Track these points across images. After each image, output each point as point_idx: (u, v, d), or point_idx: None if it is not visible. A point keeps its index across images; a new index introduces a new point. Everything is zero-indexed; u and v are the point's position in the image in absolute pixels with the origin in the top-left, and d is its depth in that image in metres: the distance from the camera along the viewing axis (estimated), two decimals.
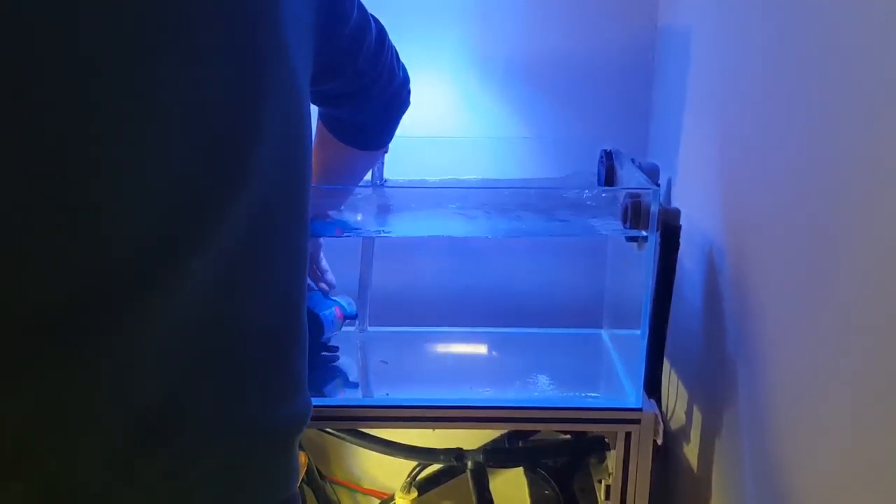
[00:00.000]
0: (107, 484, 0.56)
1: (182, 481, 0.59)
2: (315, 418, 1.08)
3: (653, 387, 1.08)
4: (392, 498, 1.30)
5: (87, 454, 0.55)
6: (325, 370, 1.17)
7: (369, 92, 0.86)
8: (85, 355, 0.54)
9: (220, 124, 0.57)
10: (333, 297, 1.21)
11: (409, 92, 0.93)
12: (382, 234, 1.19)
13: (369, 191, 1.12)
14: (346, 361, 1.26)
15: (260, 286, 0.63)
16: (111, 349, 0.55)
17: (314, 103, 0.83)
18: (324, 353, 1.18)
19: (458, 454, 1.15)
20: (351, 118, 0.88)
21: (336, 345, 1.20)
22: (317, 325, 1.12)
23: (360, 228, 1.10)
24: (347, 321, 1.22)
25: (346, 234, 1.09)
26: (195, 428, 0.60)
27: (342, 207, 1.05)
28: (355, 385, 1.19)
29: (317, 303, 1.16)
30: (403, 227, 1.11)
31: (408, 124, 1.27)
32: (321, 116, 0.93)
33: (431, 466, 1.25)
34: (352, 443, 1.18)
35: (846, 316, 0.67)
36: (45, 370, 0.53)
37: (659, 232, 1.01)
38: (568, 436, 1.20)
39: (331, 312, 1.17)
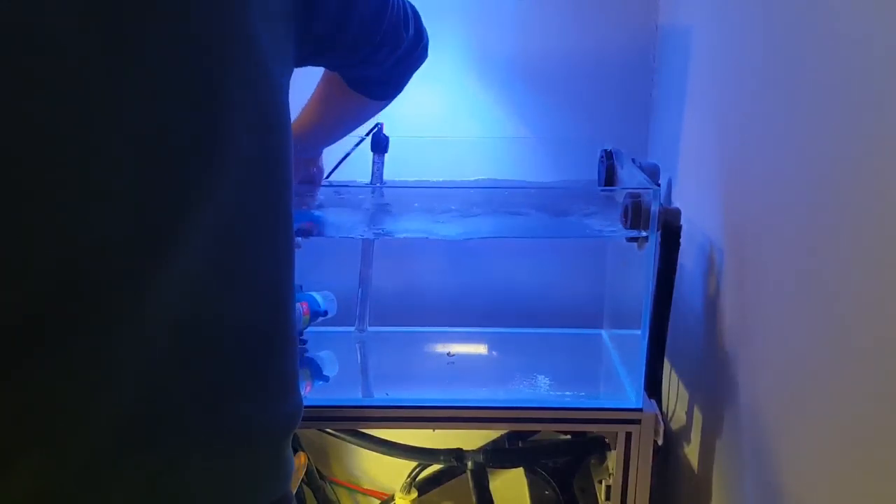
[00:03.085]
0: (91, 485, 0.56)
1: (168, 483, 0.59)
2: (315, 418, 1.09)
3: (653, 387, 1.08)
4: (392, 498, 1.30)
5: (71, 456, 0.54)
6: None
7: (374, 58, 0.82)
8: (64, 357, 0.53)
9: (182, 125, 0.55)
10: (309, 293, 1.21)
11: (423, 48, 0.88)
12: (362, 237, 1.18)
13: (368, 191, 1.12)
14: (346, 361, 1.27)
15: (241, 284, 0.61)
16: (90, 350, 0.54)
17: (318, 66, 0.82)
18: None
19: (458, 454, 1.15)
20: (358, 74, 0.85)
21: (305, 338, 1.20)
22: None
23: (336, 226, 1.09)
24: (320, 319, 1.22)
25: (321, 233, 1.08)
26: (180, 429, 0.59)
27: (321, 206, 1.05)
28: (326, 379, 1.19)
29: None
30: (401, 227, 1.11)
31: (408, 124, 1.28)
32: None
33: (431, 467, 1.25)
34: (352, 443, 1.18)
35: (846, 315, 0.67)
36: (23, 373, 0.52)
37: (659, 232, 1.01)
38: (568, 436, 1.20)
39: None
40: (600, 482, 1.14)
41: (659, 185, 1.05)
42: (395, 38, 0.82)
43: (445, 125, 1.33)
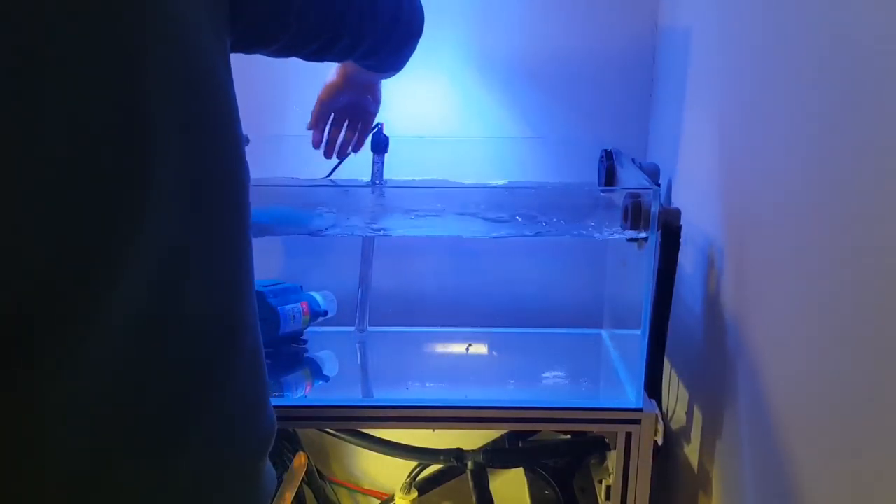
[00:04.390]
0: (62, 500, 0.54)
1: None
2: (315, 418, 1.09)
3: (653, 387, 1.08)
4: (392, 498, 1.30)
5: (41, 474, 0.52)
6: (291, 363, 1.19)
7: (338, 47, 0.75)
8: (24, 378, 0.50)
9: (104, 130, 0.50)
10: (309, 293, 1.21)
11: (406, 32, 0.81)
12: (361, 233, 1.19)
13: (368, 190, 1.12)
14: (346, 361, 1.27)
15: (190, 302, 0.57)
16: (43, 374, 0.51)
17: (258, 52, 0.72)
18: (293, 346, 1.20)
19: (458, 454, 1.15)
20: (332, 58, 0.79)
21: (305, 338, 1.21)
22: (273, 319, 1.13)
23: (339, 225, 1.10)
24: (320, 319, 1.22)
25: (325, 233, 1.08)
26: (140, 456, 0.56)
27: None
28: (326, 378, 1.19)
29: (282, 296, 1.16)
30: (402, 227, 1.11)
31: (408, 124, 1.28)
32: None
33: (431, 466, 1.25)
34: (352, 443, 1.18)
35: (846, 315, 0.67)
36: None
37: (659, 232, 1.01)
38: (568, 436, 1.20)
39: (293, 307, 1.17)
40: (600, 482, 1.14)
41: (659, 186, 1.05)
42: (356, 30, 0.75)
43: (446, 125, 1.33)
